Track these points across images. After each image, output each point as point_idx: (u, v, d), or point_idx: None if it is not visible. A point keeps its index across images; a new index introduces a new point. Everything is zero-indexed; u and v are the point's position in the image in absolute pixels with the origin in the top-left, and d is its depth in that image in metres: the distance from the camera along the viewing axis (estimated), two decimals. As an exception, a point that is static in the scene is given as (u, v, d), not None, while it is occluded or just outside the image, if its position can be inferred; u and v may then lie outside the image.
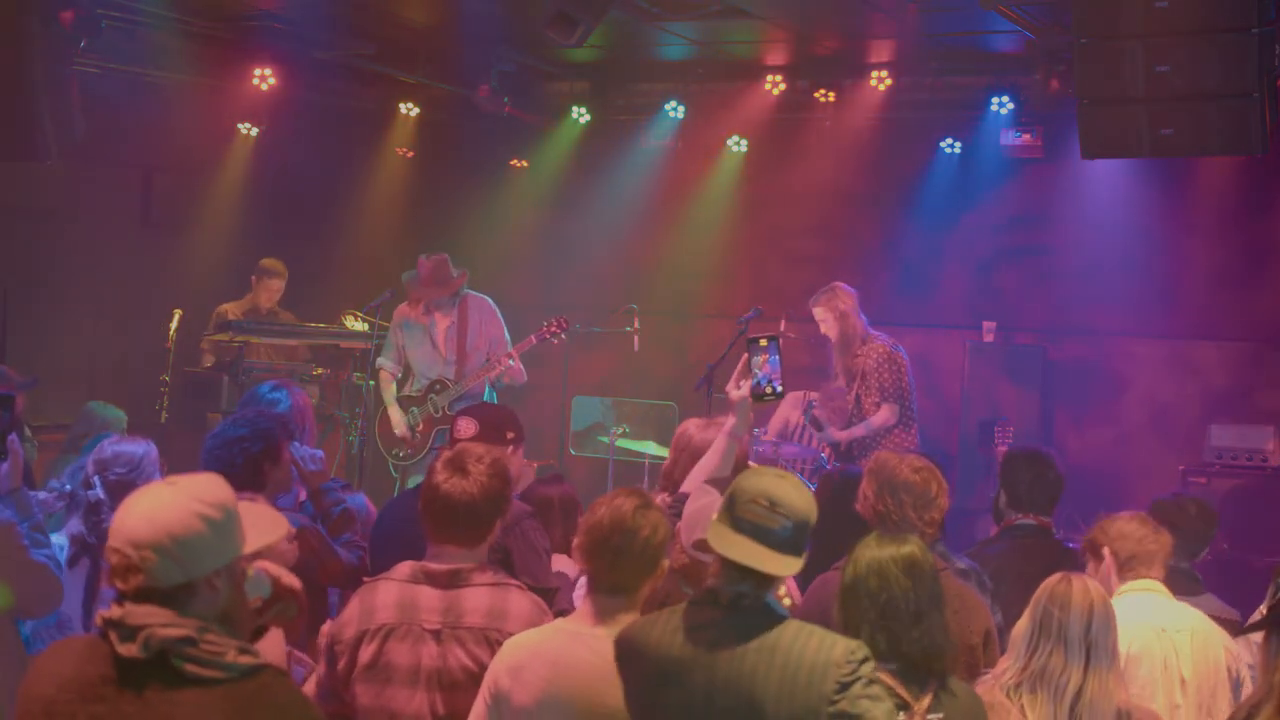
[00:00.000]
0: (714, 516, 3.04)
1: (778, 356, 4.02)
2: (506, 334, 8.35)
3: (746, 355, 4.02)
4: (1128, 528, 4.20)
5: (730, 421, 4.05)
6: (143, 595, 2.43)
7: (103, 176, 9.44)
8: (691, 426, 4.50)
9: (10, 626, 4.18)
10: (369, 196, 11.03)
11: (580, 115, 10.31)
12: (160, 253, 9.95)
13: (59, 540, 4.83)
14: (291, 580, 3.15)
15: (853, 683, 2.79)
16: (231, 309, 9.00)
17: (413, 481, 8.06)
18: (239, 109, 9.68)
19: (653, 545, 3.16)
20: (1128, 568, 4.16)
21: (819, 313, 8.05)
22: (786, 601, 3.12)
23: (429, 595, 3.44)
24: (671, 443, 4.57)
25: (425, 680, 3.40)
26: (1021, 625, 3.46)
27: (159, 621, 2.40)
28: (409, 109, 10.33)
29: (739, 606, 2.89)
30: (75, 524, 4.64)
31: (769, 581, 2.92)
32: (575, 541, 3.27)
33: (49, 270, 9.08)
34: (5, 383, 6.48)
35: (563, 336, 8.32)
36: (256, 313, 9.01)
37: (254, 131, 9.86)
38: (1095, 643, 3.33)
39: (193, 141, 9.77)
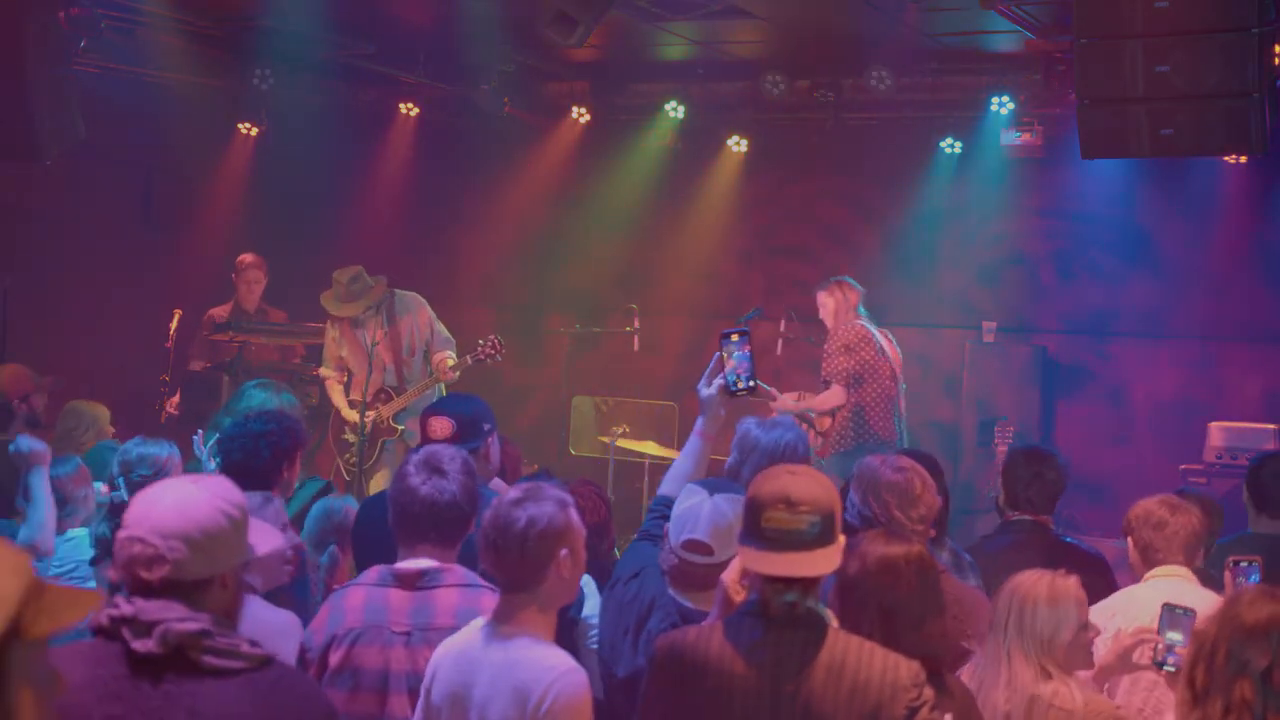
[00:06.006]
0: (737, 535, 2.99)
1: (748, 350, 3.98)
2: (439, 325, 8.19)
3: (718, 352, 3.98)
4: (1146, 513, 4.21)
5: (701, 421, 4.02)
6: (163, 587, 2.44)
7: (103, 176, 9.43)
8: (755, 428, 4.45)
9: None
10: (369, 196, 11.03)
11: (580, 115, 10.31)
12: (160, 253, 9.95)
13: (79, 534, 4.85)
14: None
15: (920, 707, 2.80)
16: (219, 313, 8.97)
17: (373, 486, 8.03)
18: (239, 109, 9.68)
19: (532, 537, 3.06)
20: (1147, 555, 4.18)
21: (820, 297, 8.09)
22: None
23: (398, 598, 3.39)
24: (734, 442, 4.50)
25: (394, 684, 3.34)
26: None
27: (174, 616, 2.42)
28: (409, 109, 10.33)
29: (792, 618, 2.86)
30: (99, 525, 4.62)
31: (815, 583, 2.90)
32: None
33: (49, 270, 9.08)
34: (29, 382, 6.51)
35: (498, 358, 7.99)
36: (244, 315, 8.93)
37: (254, 131, 9.86)
38: None
39: (193, 141, 9.77)
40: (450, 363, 8.00)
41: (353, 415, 8.05)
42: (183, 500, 2.49)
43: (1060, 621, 3.38)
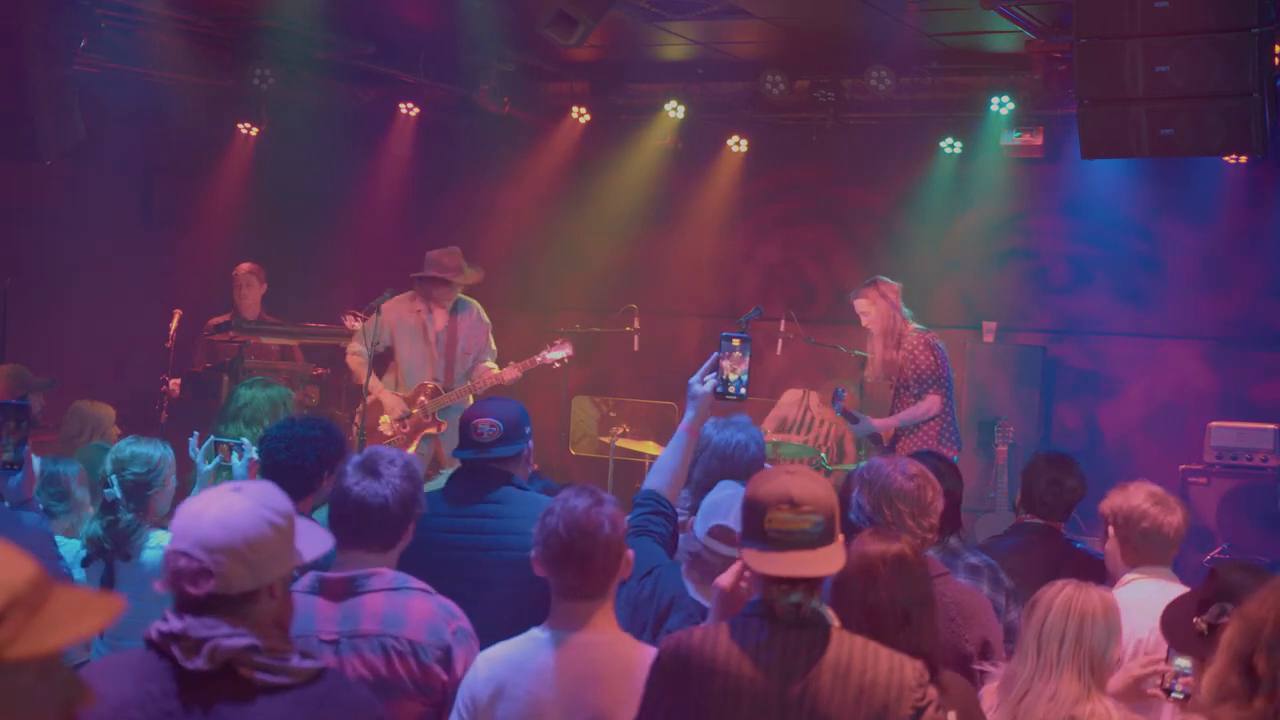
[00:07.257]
0: (739, 538, 2.98)
1: (748, 357, 3.99)
2: (491, 340, 8.30)
3: (717, 352, 3.99)
4: (1138, 509, 4.07)
5: (688, 416, 4.04)
6: (211, 602, 2.41)
7: (103, 176, 9.43)
8: (709, 426, 4.48)
9: None
10: (369, 196, 11.03)
11: (580, 115, 10.31)
12: (160, 253, 9.95)
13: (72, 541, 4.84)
14: None
15: (926, 707, 2.81)
16: (220, 322, 8.94)
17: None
18: (239, 109, 9.68)
19: (615, 540, 3.10)
20: (1136, 554, 4.08)
21: (861, 304, 7.80)
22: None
23: (325, 606, 3.30)
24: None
25: None
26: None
27: (223, 632, 2.40)
28: (409, 109, 10.34)
29: (797, 619, 2.86)
30: (91, 524, 4.59)
31: (818, 583, 2.89)
32: (534, 553, 3.17)
33: (49, 270, 9.08)
34: (24, 384, 6.49)
35: (564, 361, 8.23)
36: (244, 323, 8.90)
37: (254, 131, 9.86)
38: None
39: (193, 141, 9.77)
40: (491, 365, 8.04)
41: (398, 408, 8.03)
42: (226, 512, 2.45)
43: (1111, 637, 3.35)
